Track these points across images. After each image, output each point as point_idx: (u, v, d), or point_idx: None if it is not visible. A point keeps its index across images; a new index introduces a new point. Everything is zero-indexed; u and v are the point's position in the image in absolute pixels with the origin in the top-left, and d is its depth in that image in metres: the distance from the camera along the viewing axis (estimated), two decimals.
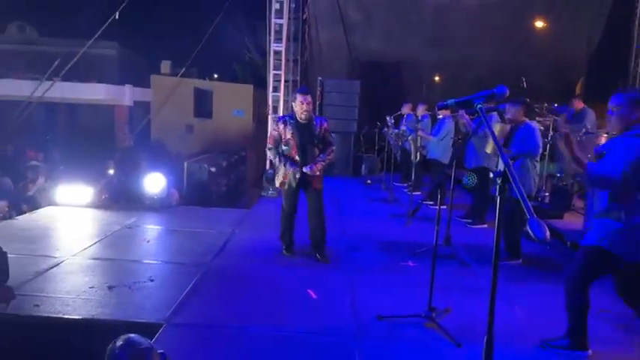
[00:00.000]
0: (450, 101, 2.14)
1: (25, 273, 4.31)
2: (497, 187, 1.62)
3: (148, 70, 16.33)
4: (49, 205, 7.14)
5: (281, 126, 5.02)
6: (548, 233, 1.48)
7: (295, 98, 4.99)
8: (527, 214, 1.45)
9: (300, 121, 4.98)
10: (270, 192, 8.68)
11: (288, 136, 4.98)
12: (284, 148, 5.05)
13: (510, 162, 1.60)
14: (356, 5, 11.75)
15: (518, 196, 1.48)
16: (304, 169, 4.96)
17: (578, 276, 3.24)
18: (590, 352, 3.31)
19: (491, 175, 4.95)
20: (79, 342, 3.40)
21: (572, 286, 3.26)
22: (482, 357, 1.87)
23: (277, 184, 5.22)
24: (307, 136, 5.00)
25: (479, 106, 1.95)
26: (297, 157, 4.99)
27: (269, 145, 5.14)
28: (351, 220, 7.03)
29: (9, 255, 3.94)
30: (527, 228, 1.46)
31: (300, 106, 4.90)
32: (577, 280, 3.24)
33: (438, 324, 3.64)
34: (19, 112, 13.32)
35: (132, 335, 2.28)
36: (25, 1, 17.53)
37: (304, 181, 5.05)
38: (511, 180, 1.57)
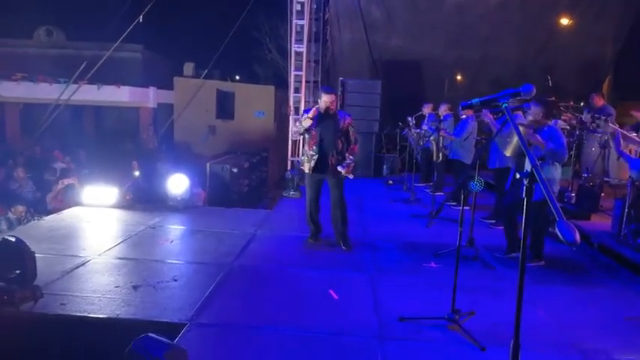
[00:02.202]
0: (475, 100, 2.10)
1: (52, 272, 4.40)
2: (525, 188, 1.59)
3: (171, 73, 16.52)
4: (76, 205, 7.28)
5: (305, 116, 5.36)
6: (578, 236, 1.43)
7: (322, 96, 5.32)
8: (557, 217, 1.41)
9: (323, 112, 5.30)
10: (291, 193, 8.69)
11: (312, 127, 5.28)
12: (305, 136, 5.41)
13: (538, 162, 1.55)
14: (377, 4, 11.69)
15: (547, 198, 1.44)
16: (338, 168, 5.31)
17: None
18: None
19: (518, 175, 4.84)
20: (104, 340, 3.45)
21: None
22: None
23: (306, 170, 5.44)
24: (330, 127, 5.31)
25: (505, 105, 1.91)
26: (314, 147, 5.32)
27: (292, 128, 5.52)
28: (372, 221, 6.99)
29: (36, 254, 4.01)
30: (557, 231, 1.41)
31: (324, 104, 5.26)
32: None
33: (462, 327, 3.59)
34: (46, 115, 13.61)
35: (154, 335, 2.29)
36: (53, 5, 17.92)
37: (326, 167, 5.35)
38: (538, 181, 1.54)
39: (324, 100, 5.24)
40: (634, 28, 11.40)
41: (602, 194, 7.17)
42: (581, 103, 8.49)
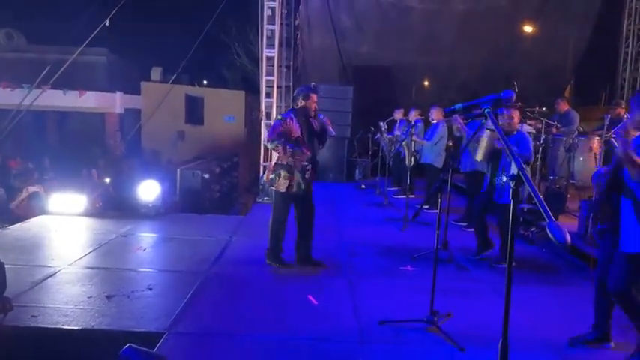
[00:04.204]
0: (458, 106, 2.15)
1: (21, 283, 4.25)
2: (511, 191, 1.63)
3: (139, 77, 16.22)
4: (42, 214, 7.05)
5: (289, 122, 4.97)
6: (568, 236, 1.48)
7: (309, 97, 5.04)
8: (547, 218, 1.45)
9: (307, 117, 5.09)
10: (265, 199, 8.64)
11: (298, 133, 4.96)
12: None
13: (524, 166, 1.59)
14: (347, 11, 11.77)
15: (535, 200, 1.49)
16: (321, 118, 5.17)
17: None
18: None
19: (504, 179, 4.96)
20: (79, 352, 3.36)
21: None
22: None
23: (282, 190, 4.92)
24: (311, 131, 5.14)
25: (487, 110, 1.96)
26: (308, 153, 5.00)
27: (272, 138, 4.91)
28: (347, 226, 7.03)
29: (5, 265, 3.87)
30: (548, 232, 1.45)
31: (316, 104, 5.12)
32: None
33: (440, 328, 3.64)
34: (7, 121, 13.15)
35: (137, 347, 2.24)
36: (13, 8, 17.33)
37: (307, 183, 5.02)
38: (526, 184, 1.58)
39: (314, 99, 5.06)
40: (595, 34, 11.80)
41: (568, 196, 7.40)
42: (544, 108, 8.74)
